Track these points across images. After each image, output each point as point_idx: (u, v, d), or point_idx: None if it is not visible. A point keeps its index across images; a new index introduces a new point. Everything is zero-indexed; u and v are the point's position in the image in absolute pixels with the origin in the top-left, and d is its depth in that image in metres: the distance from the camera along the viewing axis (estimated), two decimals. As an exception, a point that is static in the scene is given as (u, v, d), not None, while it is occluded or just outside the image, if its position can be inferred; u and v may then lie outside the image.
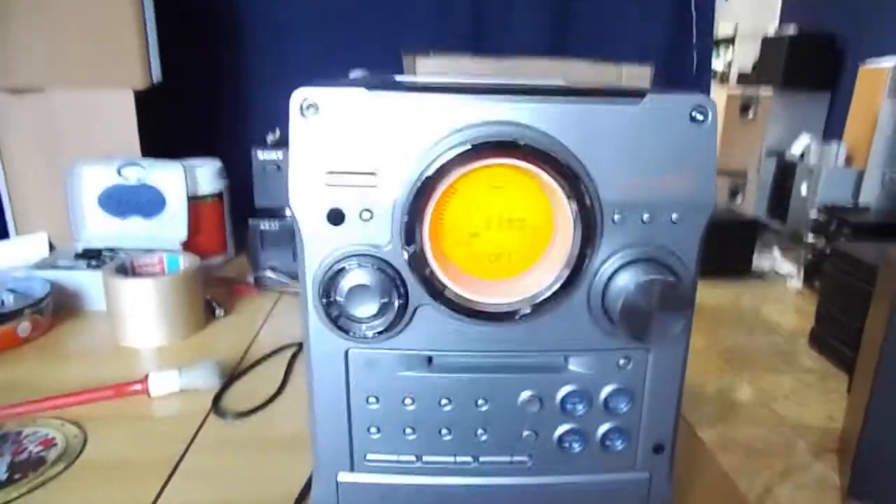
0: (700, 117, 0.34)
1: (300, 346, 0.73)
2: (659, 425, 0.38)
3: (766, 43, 3.99)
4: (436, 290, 0.34)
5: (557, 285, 0.34)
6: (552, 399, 0.37)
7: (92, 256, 0.91)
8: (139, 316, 0.74)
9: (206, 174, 1.00)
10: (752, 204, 3.81)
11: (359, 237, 0.34)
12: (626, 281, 0.33)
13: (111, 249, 0.93)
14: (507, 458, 0.38)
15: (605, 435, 0.38)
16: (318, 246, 0.34)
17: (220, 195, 1.02)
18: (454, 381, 0.37)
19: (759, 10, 4.33)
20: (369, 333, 0.35)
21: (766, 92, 3.76)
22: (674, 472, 0.40)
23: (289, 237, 0.91)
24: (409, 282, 0.34)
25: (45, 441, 0.55)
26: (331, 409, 0.37)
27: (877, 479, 1.57)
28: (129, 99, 0.99)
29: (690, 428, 0.59)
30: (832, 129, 3.81)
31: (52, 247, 0.99)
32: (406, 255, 0.33)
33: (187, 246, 0.93)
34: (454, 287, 0.34)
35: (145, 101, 1.00)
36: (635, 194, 0.34)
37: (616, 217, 0.34)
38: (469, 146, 0.31)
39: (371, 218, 0.33)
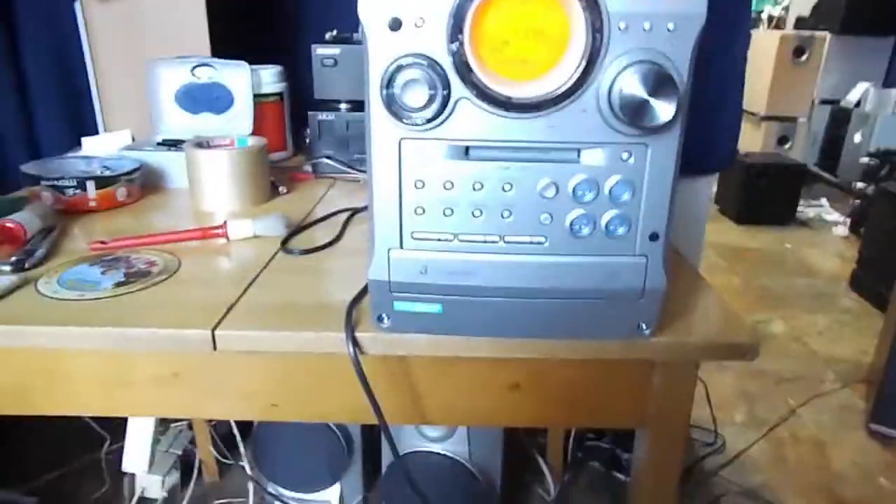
0: (697, -60, 0.40)
1: (355, 210, 0.83)
2: (654, 215, 0.46)
3: (828, -16, 3.82)
4: (473, 83, 0.42)
5: (574, 79, 0.42)
6: (566, 186, 0.45)
7: (171, 145, 1.02)
8: (215, 183, 0.85)
9: (269, 75, 1.10)
10: (802, 151, 3.73)
11: (413, 41, 0.42)
12: (629, 76, 0.41)
13: (188, 139, 1.04)
14: (528, 238, 0.47)
15: (609, 221, 0.46)
16: (381, 49, 0.43)
17: (280, 95, 1.12)
18: (486, 168, 0.45)
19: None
20: (419, 121, 0.43)
21: (822, 35, 3.62)
22: (668, 267, 0.49)
23: (343, 128, 1.01)
24: (451, 77, 0.42)
25: (149, 262, 0.67)
26: (386, 193, 0.46)
27: (899, 406, 1.61)
28: (200, 5, 1.08)
29: (697, 272, 0.67)
30: (894, 77, 3.66)
31: (134, 140, 1.11)
32: (450, 52, 0.42)
33: (252, 140, 1.03)
34: (488, 82, 0.42)
35: (216, 8, 1.10)
36: (638, 5, 0.41)
37: (622, 25, 0.41)
38: (502, -42, 0.39)
39: (423, 25, 0.42)
